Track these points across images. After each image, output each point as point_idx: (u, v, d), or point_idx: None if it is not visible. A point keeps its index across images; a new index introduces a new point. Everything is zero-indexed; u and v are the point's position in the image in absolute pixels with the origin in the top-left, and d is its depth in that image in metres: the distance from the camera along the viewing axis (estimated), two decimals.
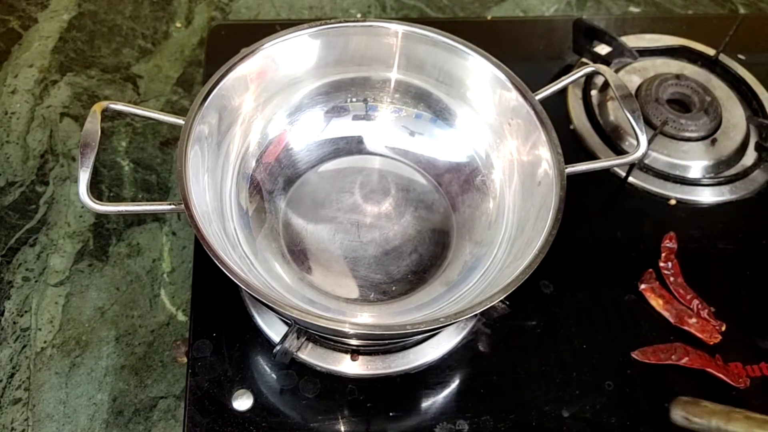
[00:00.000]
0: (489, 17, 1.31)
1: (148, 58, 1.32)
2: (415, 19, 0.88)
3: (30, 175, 1.14)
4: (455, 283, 0.58)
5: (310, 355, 0.56)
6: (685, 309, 0.61)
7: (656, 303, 0.61)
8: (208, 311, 0.58)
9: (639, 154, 0.55)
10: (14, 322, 0.99)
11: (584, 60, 0.80)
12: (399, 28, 0.61)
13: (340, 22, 0.60)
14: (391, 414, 0.54)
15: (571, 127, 0.75)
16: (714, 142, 0.72)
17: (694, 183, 0.70)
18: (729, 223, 0.68)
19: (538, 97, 0.57)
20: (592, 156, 0.72)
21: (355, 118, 0.66)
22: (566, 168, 0.52)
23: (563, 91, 0.77)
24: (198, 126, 0.53)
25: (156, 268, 1.05)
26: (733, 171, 0.72)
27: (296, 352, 0.55)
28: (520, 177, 0.58)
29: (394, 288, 0.59)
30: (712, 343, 0.59)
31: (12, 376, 0.94)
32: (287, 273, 0.58)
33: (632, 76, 0.78)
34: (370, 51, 0.62)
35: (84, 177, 0.47)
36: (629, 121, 0.55)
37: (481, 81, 0.60)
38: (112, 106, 0.53)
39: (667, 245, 0.65)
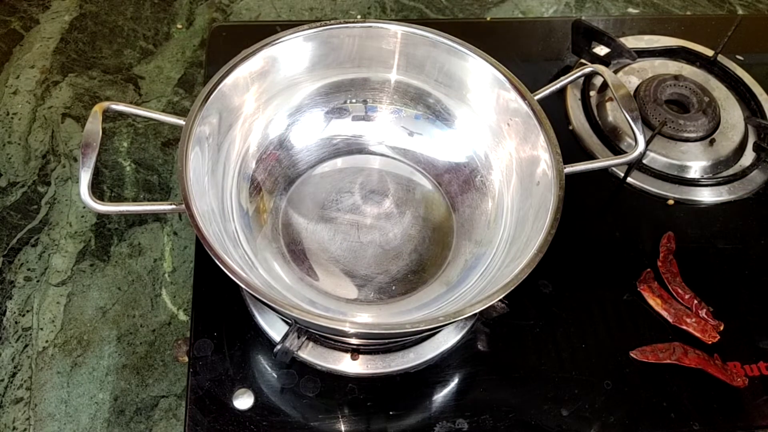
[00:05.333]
0: (488, 18, 1.32)
1: (149, 59, 1.33)
2: (415, 20, 0.88)
3: (32, 176, 1.15)
4: (455, 282, 0.58)
5: (311, 354, 0.56)
6: (684, 308, 0.61)
7: (655, 302, 0.61)
8: (209, 311, 0.59)
9: (637, 154, 0.55)
10: (16, 322, 0.99)
11: (583, 61, 0.80)
12: (399, 29, 0.61)
13: (341, 23, 0.60)
14: (391, 413, 0.54)
15: (570, 127, 0.75)
16: (712, 142, 0.73)
17: (692, 183, 0.70)
18: (727, 223, 0.68)
19: (536, 98, 0.57)
20: (591, 156, 0.72)
21: (355, 118, 0.67)
22: (565, 168, 0.53)
23: (562, 91, 0.77)
24: (199, 126, 0.53)
25: (157, 268, 1.05)
26: (731, 171, 0.72)
27: (297, 351, 0.55)
28: (519, 177, 0.58)
29: (394, 288, 0.59)
30: (710, 342, 0.59)
31: (14, 375, 0.94)
32: (287, 273, 0.59)
33: (631, 77, 0.78)
34: (370, 52, 0.63)
35: (85, 177, 0.47)
36: (627, 121, 0.56)
37: (480, 82, 0.61)
38: (114, 106, 0.53)
39: (666, 245, 0.65)
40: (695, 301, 0.61)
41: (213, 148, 0.56)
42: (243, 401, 0.54)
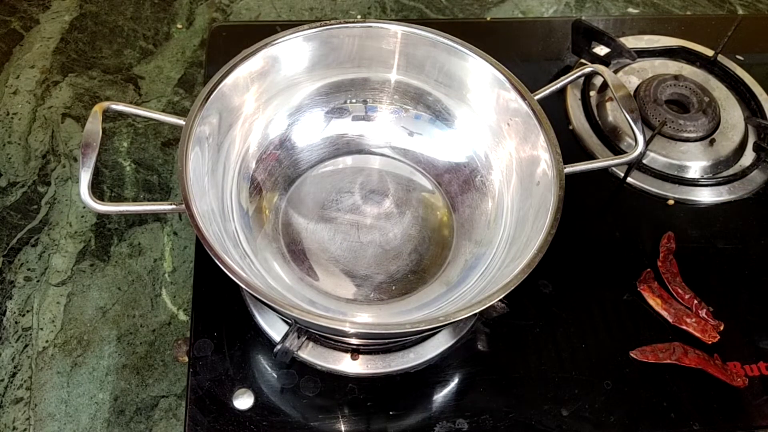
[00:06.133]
0: (488, 18, 1.32)
1: (149, 59, 1.33)
2: (415, 20, 0.88)
3: (32, 176, 1.15)
4: (455, 282, 0.58)
5: (311, 354, 0.56)
6: (684, 308, 0.61)
7: (655, 302, 0.61)
8: (209, 311, 0.59)
9: (637, 154, 0.55)
10: (16, 322, 0.99)
11: (583, 61, 0.80)
12: (399, 29, 0.61)
13: (341, 23, 0.60)
14: (391, 413, 0.54)
15: (570, 127, 0.75)
16: (712, 142, 0.73)
17: (692, 183, 0.70)
18: (727, 223, 0.68)
19: (536, 98, 0.57)
20: (591, 156, 0.72)
21: (355, 118, 0.67)
22: (565, 168, 0.53)
23: (562, 91, 0.77)
24: (199, 126, 0.53)
25: (157, 268, 1.05)
26: (731, 171, 0.72)
27: (297, 351, 0.55)
28: (519, 177, 0.58)
29: (394, 288, 0.59)
30: (710, 342, 0.59)
31: (14, 375, 0.95)
32: (287, 273, 0.59)
33: (631, 77, 0.78)
34: (370, 52, 0.63)
35: (85, 177, 0.47)
36: (627, 121, 0.56)
37: (480, 82, 0.61)
38: (114, 106, 0.53)
39: (666, 245, 0.65)
40: (695, 301, 0.61)
41: (213, 148, 0.56)
42: (243, 401, 0.54)
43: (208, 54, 0.79)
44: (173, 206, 0.49)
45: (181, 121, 0.53)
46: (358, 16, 1.43)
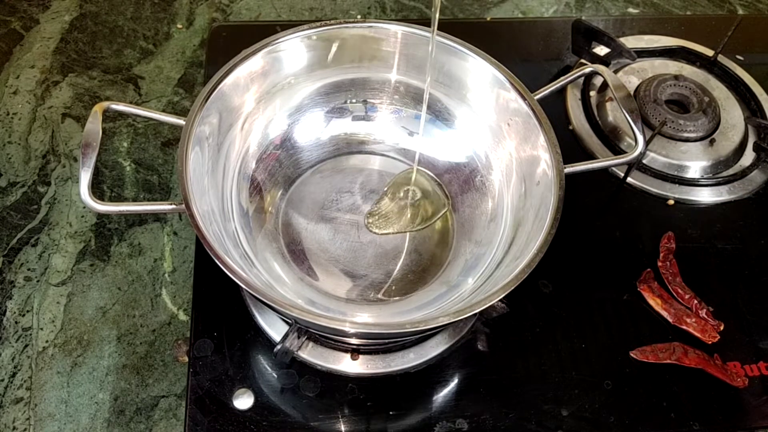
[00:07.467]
0: (488, 18, 1.32)
1: (149, 59, 1.32)
2: (415, 20, 0.88)
3: (32, 176, 1.15)
4: (455, 282, 0.58)
5: (311, 354, 0.56)
6: (684, 309, 0.61)
7: (655, 303, 0.61)
8: (210, 311, 0.59)
9: (637, 154, 0.55)
10: (16, 322, 0.99)
11: (583, 61, 0.80)
12: (399, 29, 0.61)
13: (341, 23, 0.60)
14: (391, 413, 0.54)
15: (570, 127, 0.75)
16: (712, 142, 0.73)
17: (692, 183, 0.70)
18: (727, 223, 0.68)
19: (536, 98, 0.57)
20: (591, 156, 0.72)
21: (355, 118, 0.67)
22: (565, 168, 0.53)
23: (562, 91, 0.77)
24: (199, 126, 0.53)
25: (157, 268, 1.05)
26: (731, 171, 0.72)
27: (297, 351, 0.55)
28: (519, 177, 0.58)
29: (394, 288, 0.59)
30: (710, 342, 0.59)
31: (14, 375, 0.94)
32: (287, 273, 0.59)
33: (631, 77, 0.78)
34: (370, 52, 0.63)
35: (85, 177, 0.47)
36: (628, 121, 0.56)
37: (480, 82, 0.61)
38: (114, 106, 0.53)
39: (666, 245, 0.65)
40: (695, 301, 0.61)
41: (213, 148, 0.56)
42: (243, 401, 0.54)
43: (208, 54, 0.79)
44: (173, 206, 0.49)
45: (181, 121, 0.53)
46: (358, 16, 1.43)
